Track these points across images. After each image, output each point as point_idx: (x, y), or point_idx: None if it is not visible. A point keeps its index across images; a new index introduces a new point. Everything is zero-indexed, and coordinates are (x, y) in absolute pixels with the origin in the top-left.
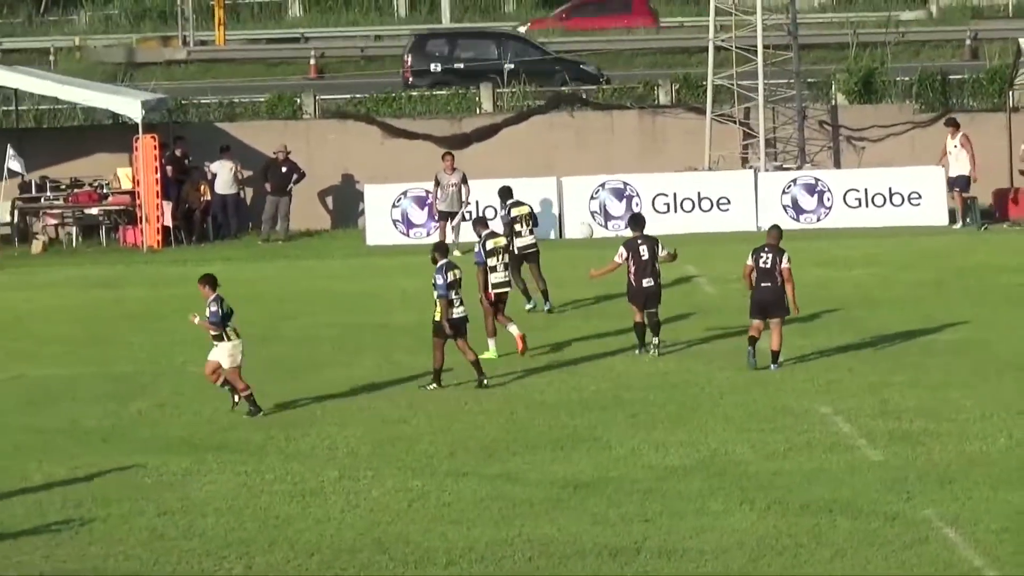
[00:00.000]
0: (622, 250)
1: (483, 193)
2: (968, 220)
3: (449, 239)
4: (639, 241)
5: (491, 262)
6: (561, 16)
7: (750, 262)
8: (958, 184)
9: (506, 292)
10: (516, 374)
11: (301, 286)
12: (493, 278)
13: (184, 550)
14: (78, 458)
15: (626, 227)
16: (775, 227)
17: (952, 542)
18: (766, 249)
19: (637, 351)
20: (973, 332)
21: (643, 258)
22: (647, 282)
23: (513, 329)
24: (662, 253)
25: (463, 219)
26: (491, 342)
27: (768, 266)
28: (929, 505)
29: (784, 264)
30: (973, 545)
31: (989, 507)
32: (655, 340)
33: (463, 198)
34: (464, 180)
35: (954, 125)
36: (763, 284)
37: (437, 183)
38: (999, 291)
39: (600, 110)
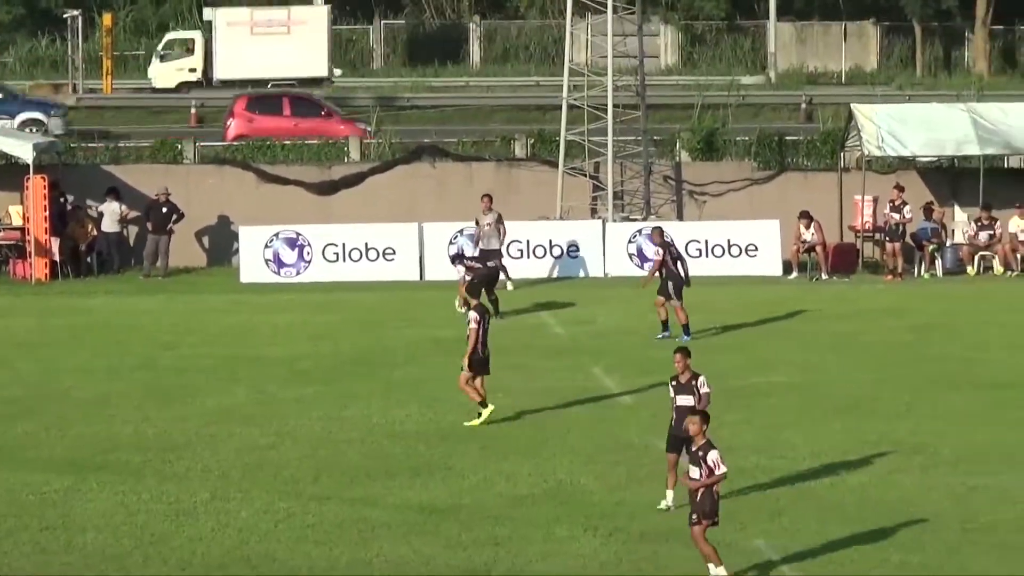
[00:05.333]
0: (474, 314)
1: (351, 235)
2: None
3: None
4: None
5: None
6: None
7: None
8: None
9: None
10: (378, 405)
11: (179, 319)
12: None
13: (64, 563)
14: None
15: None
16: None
17: (780, 571)
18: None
19: None
20: (803, 376)
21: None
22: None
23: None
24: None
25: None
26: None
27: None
28: (760, 535)
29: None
30: (800, 572)
31: (816, 539)
32: None
33: (500, 237)
34: (500, 220)
35: (807, 217)
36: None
37: (477, 223)
38: (827, 338)
39: (460, 161)
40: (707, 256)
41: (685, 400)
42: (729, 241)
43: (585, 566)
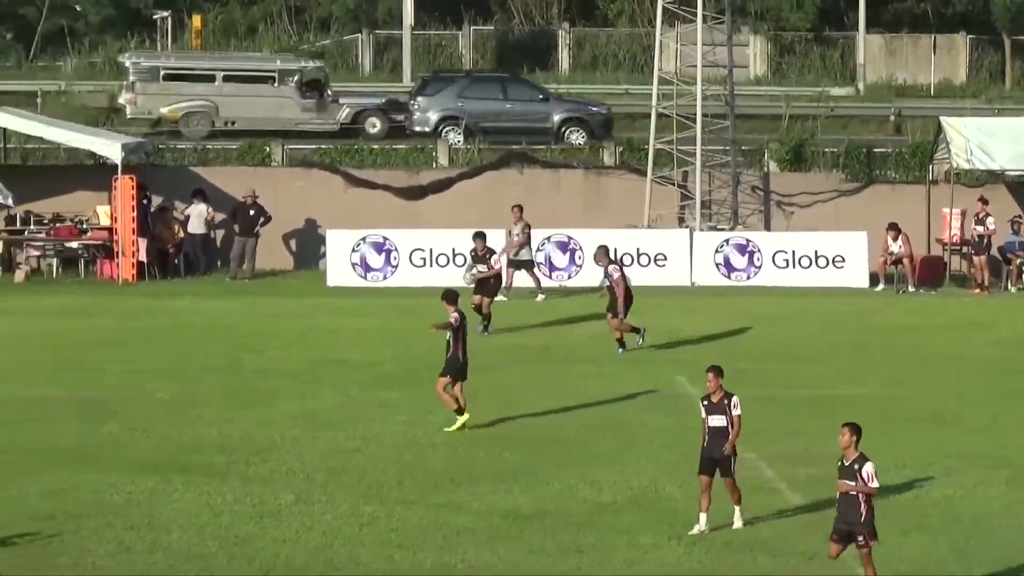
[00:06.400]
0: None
1: (437, 240)
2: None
3: (531, 284)
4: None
5: None
6: None
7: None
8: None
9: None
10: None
11: (264, 322)
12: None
13: (148, 563)
14: (50, 475)
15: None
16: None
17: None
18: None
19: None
20: (887, 387)
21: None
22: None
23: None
24: None
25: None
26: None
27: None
28: None
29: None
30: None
31: (900, 548)
32: None
33: (528, 246)
34: (523, 230)
35: (895, 229)
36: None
37: (509, 233)
38: (912, 350)
39: (548, 168)
40: (794, 267)
41: (717, 421)
42: (816, 252)
43: (670, 575)
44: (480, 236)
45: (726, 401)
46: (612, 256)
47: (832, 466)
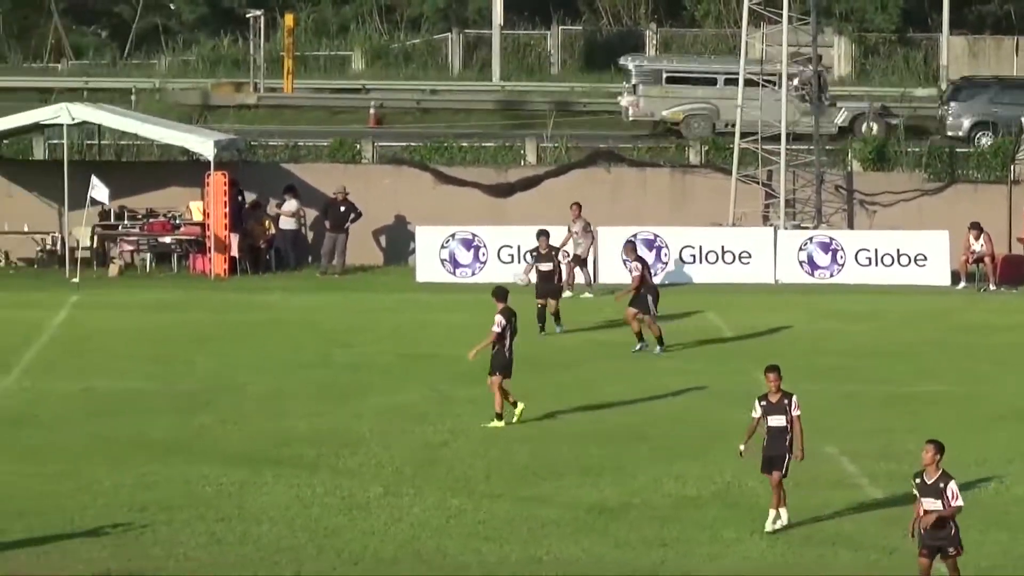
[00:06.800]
0: (500, 319)
1: (524, 238)
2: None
3: (580, 280)
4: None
5: None
6: None
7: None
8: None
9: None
10: (550, 407)
11: (354, 317)
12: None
13: (239, 554)
14: (144, 466)
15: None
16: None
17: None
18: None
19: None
20: (968, 385)
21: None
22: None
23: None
24: None
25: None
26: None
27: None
28: None
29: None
30: None
31: (980, 546)
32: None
33: (587, 243)
34: (585, 227)
35: (977, 228)
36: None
37: (569, 231)
38: (992, 349)
39: (635, 167)
40: (876, 265)
41: (777, 421)
42: (898, 251)
43: (753, 568)
44: (544, 234)
45: (785, 401)
46: (639, 252)
47: (912, 462)
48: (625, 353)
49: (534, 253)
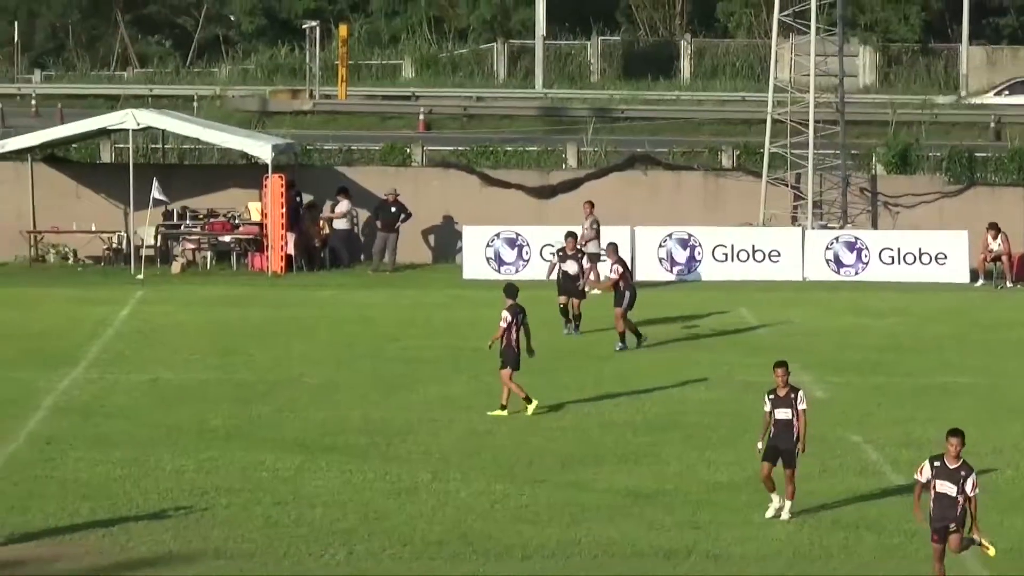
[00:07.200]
0: (506, 314)
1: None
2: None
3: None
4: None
5: None
6: None
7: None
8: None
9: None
10: (589, 397)
11: (404, 312)
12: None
13: (294, 536)
14: (204, 452)
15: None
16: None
17: (963, 558)
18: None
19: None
20: (987, 378)
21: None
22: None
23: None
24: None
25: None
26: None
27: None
28: None
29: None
30: (982, 562)
31: (997, 530)
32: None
33: (597, 240)
34: (592, 225)
35: (995, 228)
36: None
37: (583, 228)
38: (1009, 343)
39: (670, 170)
40: (899, 264)
41: (784, 414)
42: (920, 250)
43: (779, 551)
44: (571, 235)
45: (792, 395)
46: (619, 254)
47: (934, 451)
48: (661, 346)
49: (560, 253)
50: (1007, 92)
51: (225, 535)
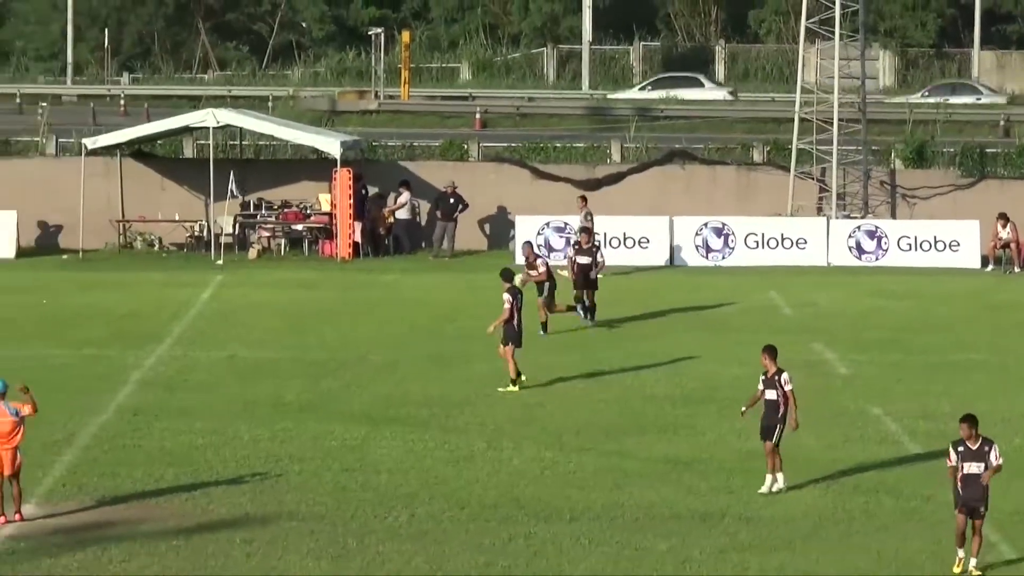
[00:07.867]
0: (508, 296)
1: (611, 225)
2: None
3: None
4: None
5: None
6: None
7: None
8: None
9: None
10: (632, 371)
11: (462, 295)
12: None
13: (361, 500)
14: (278, 424)
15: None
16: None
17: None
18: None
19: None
20: (996, 355)
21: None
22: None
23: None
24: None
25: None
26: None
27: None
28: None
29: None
30: (991, 524)
31: (1005, 494)
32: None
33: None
34: (586, 217)
35: (1004, 218)
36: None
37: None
38: (1018, 324)
39: (705, 164)
40: (916, 250)
41: (771, 394)
42: (935, 238)
43: (805, 513)
44: (585, 231)
45: (777, 377)
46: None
47: (948, 422)
48: (697, 325)
49: (575, 247)
50: (927, 93)
51: (298, 499)
